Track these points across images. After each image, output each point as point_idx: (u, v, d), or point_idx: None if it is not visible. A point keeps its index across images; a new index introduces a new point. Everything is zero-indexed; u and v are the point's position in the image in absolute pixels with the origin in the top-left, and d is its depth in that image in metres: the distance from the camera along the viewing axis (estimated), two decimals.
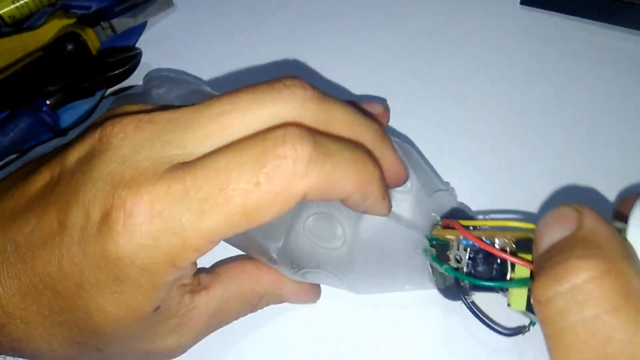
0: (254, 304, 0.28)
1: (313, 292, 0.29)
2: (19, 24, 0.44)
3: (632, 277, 0.18)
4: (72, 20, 0.42)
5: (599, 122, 0.37)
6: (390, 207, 0.24)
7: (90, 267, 0.21)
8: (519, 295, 0.22)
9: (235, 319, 0.28)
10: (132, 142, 0.22)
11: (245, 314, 0.28)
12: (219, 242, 0.21)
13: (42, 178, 0.23)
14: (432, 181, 0.28)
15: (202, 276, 0.26)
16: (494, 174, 0.35)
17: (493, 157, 0.36)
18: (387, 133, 0.25)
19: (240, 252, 0.29)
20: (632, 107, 0.37)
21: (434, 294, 0.27)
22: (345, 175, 0.21)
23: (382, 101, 0.39)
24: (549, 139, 0.36)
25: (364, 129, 0.24)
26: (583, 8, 0.41)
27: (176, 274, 0.22)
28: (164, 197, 0.20)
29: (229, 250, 0.29)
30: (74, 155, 0.23)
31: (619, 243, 0.19)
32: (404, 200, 0.26)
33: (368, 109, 0.28)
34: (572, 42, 0.41)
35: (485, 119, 0.37)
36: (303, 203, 0.25)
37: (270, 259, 0.26)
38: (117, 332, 0.22)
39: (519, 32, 0.42)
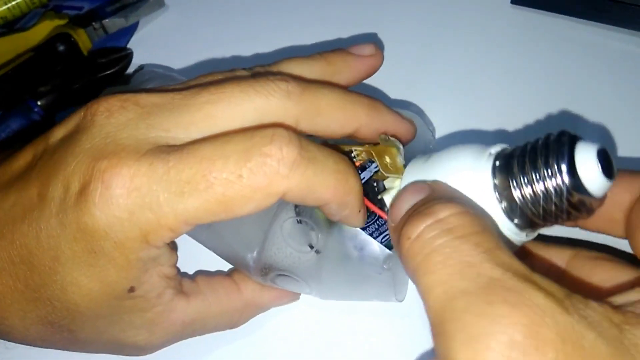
0: (234, 319, 0.28)
1: (293, 292, 0.29)
2: (10, 25, 0.44)
3: (485, 216, 0.20)
4: (63, 21, 0.42)
5: (590, 120, 0.37)
6: (365, 220, 0.24)
7: (66, 239, 0.21)
8: None
9: (211, 332, 0.28)
10: (117, 121, 0.22)
11: (224, 329, 0.28)
12: (193, 226, 0.22)
13: (26, 156, 0.24)
14: None
15: (185, 281, 0.26)
16: None
17: None
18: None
19: (219, 265, 0.29)
20: (622, 105, 0.37)
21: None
22: (326, 183, 0.22)
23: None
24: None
25: (354, 105, 0.24)
26: (574, 7, 0.41)
27: (149, 252, 0.22)
28: (145, 173, 0.21)
29: (215, 259, 0.29)
30: (59, 133, 0.23)
31: (463, 196, 0.21)
32: None
33: (359, 52, 0.28)
34: (563, 41, 0.41)
35: (475, 119, 0.37)
36: (282, 207, 0.25)
37: (247, 264, 0.26)
38: (90, 309, 0.22)
39: (509, 32, 0.42)
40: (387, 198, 0.25)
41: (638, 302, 0.18)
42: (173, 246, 0.24)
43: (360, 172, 0.25)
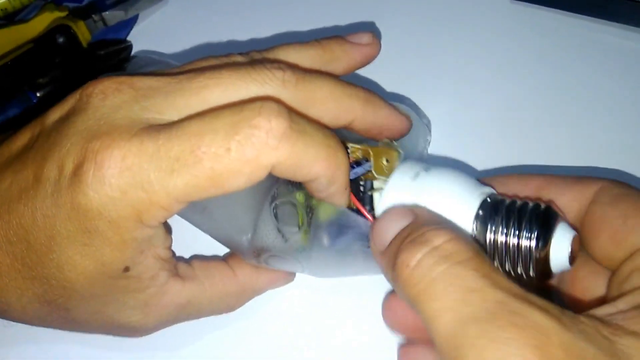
0: (230, 303, 0.28)
1: (287, 273, 0.29)
2: (11, 17, 0.44)
3: (470, 240, 0.21)
4: (63, 13, 0.42)
5: (591, 117, 0.37)
6: (349, 199, 0.24)
7: (61, 219, 0.21)
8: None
9: (207, 316, 0.28)
10: (112, 102, 0.22)
11: (220, 313, 0.28)
12: (186, 203, 0.22)
13: (23, 138, 0.24)
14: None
15: (180, 265, 0.26)
16: (484, 173, 0.35)
17: (483, 156, 0.35)
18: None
19: (215, 250, 0.29)
20: (623, 103, 0.37)
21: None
22: (316, 156, 0.22)
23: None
24: (539, 135, 0.36)
25: (350, 98, 0.24)
26: (573, 3, 0.41)
27: (144, 232, 0.22)
28: (136, 152, 0.21)
29: (211, 244, 0.29)
30: (55, 115, 0.24)
31: (448, 221, 0.22)
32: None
33: (356, 40, 0.28)
34: (563, 38, 0.41)
35: (476, 115, 0.37)
36: (273, 189, 0.25)
37: (240, 246, 0.26)
38: (85, 288, 0.23)
39: (509, 28, 0.42)
40: (377, 197, 0.25)
41: (617, 313, 0.19)
42: (168, 229, 0.24)
43: (353, 167, 0.25)
